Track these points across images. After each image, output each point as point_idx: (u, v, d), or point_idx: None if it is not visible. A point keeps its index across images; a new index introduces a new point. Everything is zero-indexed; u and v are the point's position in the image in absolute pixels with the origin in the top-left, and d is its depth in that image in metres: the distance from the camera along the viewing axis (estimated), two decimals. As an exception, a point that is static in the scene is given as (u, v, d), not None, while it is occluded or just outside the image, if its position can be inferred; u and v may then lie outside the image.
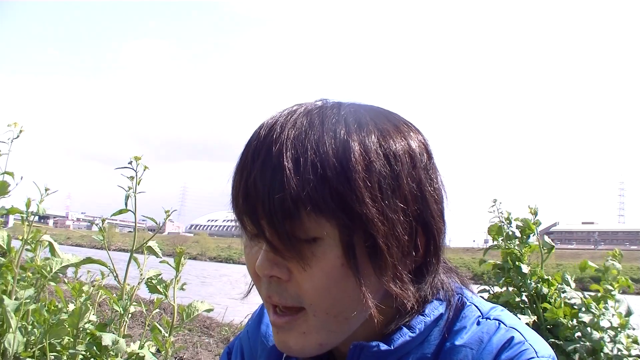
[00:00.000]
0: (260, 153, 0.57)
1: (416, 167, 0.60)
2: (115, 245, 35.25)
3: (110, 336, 2.00)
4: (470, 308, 0.64)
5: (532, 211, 2.78)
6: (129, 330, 4.63)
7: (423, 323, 0.62)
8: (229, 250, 58.60)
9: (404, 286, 0.59)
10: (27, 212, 2.20)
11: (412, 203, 0.59)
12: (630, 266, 37.06)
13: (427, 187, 0.61)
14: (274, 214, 0.54)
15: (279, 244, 0.56)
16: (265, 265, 0.57)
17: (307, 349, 0.60)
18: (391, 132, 0.60)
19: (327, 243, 0.56)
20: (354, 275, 0.56)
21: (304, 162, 0.54)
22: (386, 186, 0.57)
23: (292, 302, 0.58)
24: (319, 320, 0.58)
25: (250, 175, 0.57)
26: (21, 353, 2.02)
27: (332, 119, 0.58)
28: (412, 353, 0.61)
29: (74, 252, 2.45)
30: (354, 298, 0.58)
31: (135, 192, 2.15)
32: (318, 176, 0.54)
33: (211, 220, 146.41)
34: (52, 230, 74.92)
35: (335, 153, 0.55)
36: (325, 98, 0.64)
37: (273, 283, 0.58)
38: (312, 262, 0.56)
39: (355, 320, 0.60)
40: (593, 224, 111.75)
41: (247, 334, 0.80)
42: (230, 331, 5.62)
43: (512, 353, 0.58)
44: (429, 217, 0.61)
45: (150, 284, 2.15)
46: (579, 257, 35.52)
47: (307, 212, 0.54)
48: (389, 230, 0.57)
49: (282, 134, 0.57)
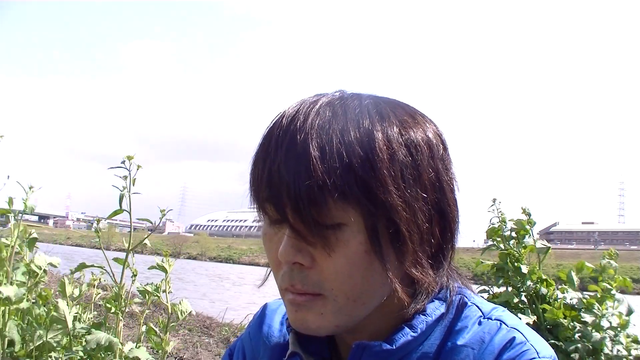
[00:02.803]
0: (284, 141, 0.58)
1: (434, 157, 0.62)
2: (115, 245, 35.21)
3: (101, 336, 2.00)
4: (471, 308, 0.64)
5: (525, 212, 2.78)
6: (129, 330, 4.63)
7: (425, 323, 0.62)
8: (229, 250, 58.58)
9: (424, 271, 0.61)
10: (15, 211, 2.20)
11: (430, 192, 0.61)
12: (630, 266, 37.07)
13: (444, 176, 0.63)
14: (300, 200, 0.55)
15: (303, 229, 0.57)
16: (289, 252, 0.58)
17: (323, 328, 0.61)
18: (410, 123, 0.62)
19: (351, 229, 0.57)
20: (379, 260, 0.58)
21: (330, 150, 0.56)
22: (408, 175, 0.59)
23: (313, 289, 0.59)
24: (338, 304, 0.59)
25: (275, 163, 0.57)
26: (18, 352, 2.02)
27: (354, 110, 0.59)
28: (414, 352, 0.62)
29: (73, 252, 2.45)
30: (373, 283, 0.59)
31: (130, 191, 2.15)
32: (344, 164, 0.55)
33: (211, 220, 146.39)
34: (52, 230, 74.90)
35: (359, 142, 0.56)
36: (343, 89, 0.65)
37: (295, 270, 0.59)
38: (336, 247, 0.57)
39: (372, 305, 0.61)
40: (593, 224, 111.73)
41: (248, 335, 0.80)
42: (230, 331, 5.62)
43: (513, 353, 0.58)
44: (445, 206, 0.63)
45: (142, 289, 2.16)
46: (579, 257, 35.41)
47: (333, 199, 0.55)
48: (411, 218, 0.58)
49: (305, 123, 0.58)
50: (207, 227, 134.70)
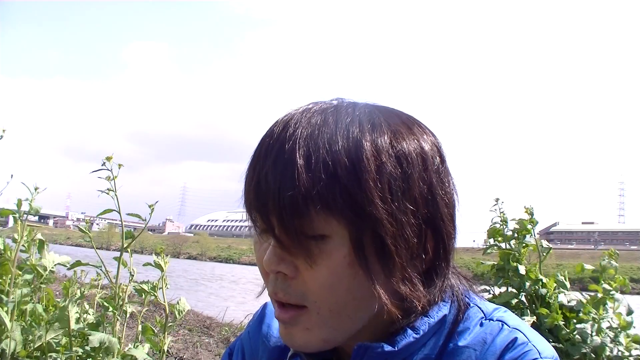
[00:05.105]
0: (273, 150, 0.57)
1: (427, 169, 0.60)
2: (115, 245, 35.21)
3: (100, 336, 2.00)
4: (473, 309, 0.64)
5: (527, 211, 2.77)
6: (129, 330, 4.63)
7: (427, 324, 0.61)
8: (229, 250, 58.57)
9: (413, 287, 0.59)
10: (20, 212, 2.21)
11: (422, 206, 0.59)
12: (630, 266, 37.04)
13: (438, 190, 0.60)
14: (284, 210, 0.55)
15: (286, 240, 0.56)
16: (272, 261, 0.57)
17: (310, 344, 0.60)
18: (404, 134, 0.59)
19: (334, 241, 0.56)
20: (364, 273, 0.56)
21: (316, 159, 0.54)
22: (396, 187, 0.56)
23: (296, 300, 0.58)
24: (322, 317, 0.58)
25: (262, 171, 0.57)
26: (19, 352, 2.01)
27: (346, 119, 0.58)
28: (416, 354, 0.61)
29: (73, 252, 2.45)
30: (357, 297, 0.58)
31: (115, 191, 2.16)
32: (329, 174, 0.54)
33: (211, 220, 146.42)
34: (52, 230, 74.88)
35: (347, 152, 0.55)
36: (341, 97, 0.63)
37: (279, 279, 0.59)
38: (318, 259, 0.56)
39: (359, 319, 0.60)
40: (593, 224, 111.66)
41: (248, 335, 0.80)
42: (230, 331, 5.61)
43: (515, 354, 0.58)
44: (439, 221, 0.60)
45: (138, 287, 2.16)
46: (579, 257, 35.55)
47: (316, 209, 0.54)
48: (398, 232, 0.56)
49: (295, 132, 0.57)
50: (207, 227, 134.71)
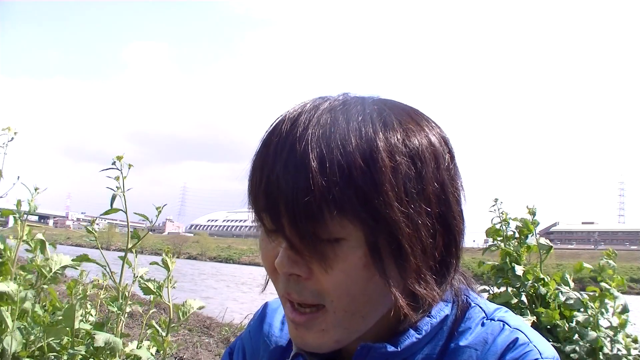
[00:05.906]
0: (284, 150, 0.55)
1: (440, 167, 0.59)
2: (115, 245, 35.18)
3: (105, 336, 2.00)
4: (474, 309, 0.64)
5: (530, 211, 2.77)
6: (129, 330, 4.63)
7: (429, 324, 0.61)
8: (229, 250, 58.55)
9: (428, 287, 0.58)
10: (20, 212, 2.21)
11: (435, 205, 0.58)
12: (630, 266, 37.08)
13: (450, 188, 0.60)
14: (297, 214, 0.53)
15: (299, 244, 0.55)
16: (285, 263, 0.56)
17: (324, 345, 0.60)
18: (414, 130, 0.59)
19: (349, 243, 0.55)
20: (380, 276, 0.55)
21: (330, 162, 0.53)
22: (411, 188, 0.56)
23: (312, 300, 0.58)
24: (338, 318, 0.58)
25: (273, 172, 0.55)
26: (20, 353, 2.01)
27: (357, 117, 0.56)
28: (417, 354, 0.61)
29: (73, 252, 2.45)
30: (372, 298, 0.58)
31: (124, 191, 2.15)
32: (344, 177, 0.53)
33: (211, 220, 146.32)
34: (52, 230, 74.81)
35: (361, 153, 0.54)
36: (347, 92, 0.62)
37: (292, 280, 0.58)
38: (334, 263, 0.55)
39: (371, 318, 0.60)
40: (593, 224, 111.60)
41: (249, 334, 0.79)
42: (230, 331, 5.62)
43: (516, 354, 0.58)
44: (451, 219, 0.60)
45: (144, 285, 2.14)
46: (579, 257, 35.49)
47: (331, 214, 0.53)
48: (413, 233, 0.56)
49: (306, 132, 0.55)
50: (207, 227, 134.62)
